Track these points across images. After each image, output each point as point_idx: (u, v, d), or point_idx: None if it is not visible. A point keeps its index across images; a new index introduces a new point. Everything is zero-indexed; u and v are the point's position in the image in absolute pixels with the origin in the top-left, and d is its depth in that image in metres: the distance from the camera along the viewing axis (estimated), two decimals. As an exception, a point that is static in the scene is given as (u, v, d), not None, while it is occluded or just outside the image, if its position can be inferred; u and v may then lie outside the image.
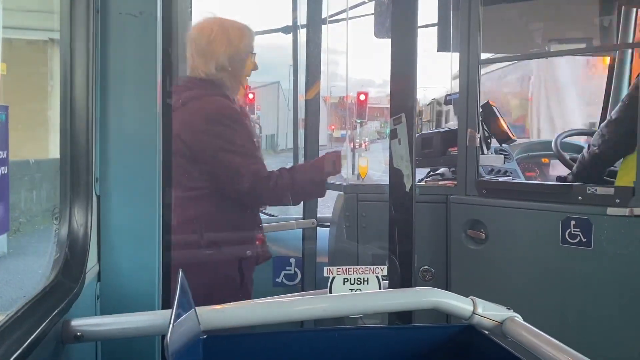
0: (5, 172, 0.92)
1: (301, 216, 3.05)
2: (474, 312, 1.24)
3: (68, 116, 1.33)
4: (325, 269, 1.48)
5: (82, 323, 1.14)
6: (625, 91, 3.41)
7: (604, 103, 3.60)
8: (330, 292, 1.44)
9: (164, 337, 0.91)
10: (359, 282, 1.48)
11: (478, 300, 1.26)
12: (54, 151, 1.44)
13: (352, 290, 1.47)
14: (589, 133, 3.54)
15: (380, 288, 1.49)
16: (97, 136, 1.42)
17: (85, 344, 1.20)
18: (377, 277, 1.51)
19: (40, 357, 0.99)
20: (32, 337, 0.93)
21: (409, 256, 2.17)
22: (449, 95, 2.90)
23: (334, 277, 1.47)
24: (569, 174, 2.71)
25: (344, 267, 1.50)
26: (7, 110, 0.94)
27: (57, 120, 1.35)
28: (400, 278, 2.15)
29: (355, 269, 1.50)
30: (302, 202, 3.02)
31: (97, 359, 1.37)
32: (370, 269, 1.52)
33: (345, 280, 1.48)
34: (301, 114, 3.29)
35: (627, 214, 2.08)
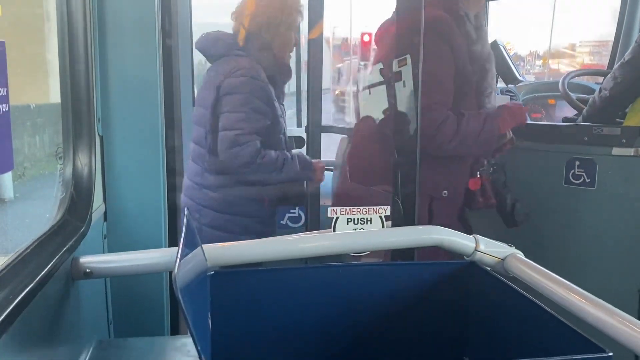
0: (6, 109, 0.92)
1: (305, 159, 3.04)
2: (476, 249, 1.25)
3: (67, 55, 1.30)
4: (329, 209, 1.48)
5: (91, 260, 1.16)
6: (636, 32, 3.31)
7: (614, 44, 3.51)
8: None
9: (171, 273, 0.93)
10: (362, 222, 1.49)
11: (480, 238, 1.27)
12: (54, 96, 1.43)
13: (355, 230, 1.48)
14: (597, 73, 3.48)
15: (383, 228, 1.50)
16: (97, 76, 1.40)
17: (95, 280, 1.23)
18: (380, 217, 1.52)
19: (51, 292, 1.02)
20: (42, 272, 0.94)
21: (412, 198, 2.18)
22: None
23: (337, 217, 1.48)
24: (575, 115, 2.68)
25: (348, 208, 1.50)
26: (4, 45, 0.92)
27: (56, 64, 1.33)
28: (403, 220, 2.17)
29: (358, 209, 1.50)
30: (305, 146, 3.05)
31: (107, 294, 1.41)
32: (373, 209, 1.52)
33: (349, 220, 1.48)
34: (303, 56, 3.23)
35: (632, 154, 2.08)
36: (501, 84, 2.94)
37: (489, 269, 1.25)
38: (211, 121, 2.24)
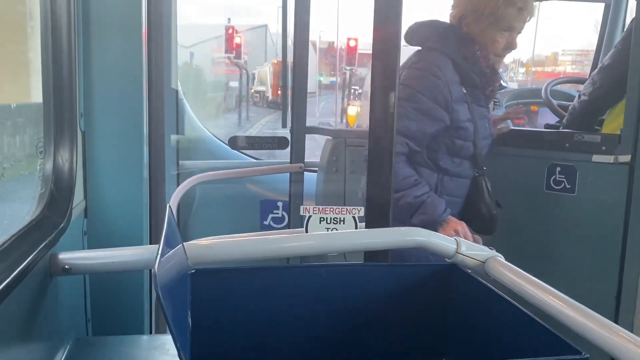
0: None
1: (288, 161, 3.05)
2: (457, 252, 1.26)
3: (50, 49, 1.29)
4: (301, 207, 1.46)
5: (70, 256, 1.14)
6: (619, 37, 3.37)
7: (596, 53, 3.57)
8: (307, 231, 1.42)
9: (152, 271, 0.92)
10: (335, 222, 1.47)
11: (461, 240, 1.28)
12: (36, 95, 1.41)
13: (328, 229, 1.46)
14: (579, 81, 3.53)
15: (356, 228, 1.48)
16: (80, 71, 1.38)
17: (74, 277, 1.21)
18: (353, 217, 1.51)
19: (29, 288, 1.00)
20: (20, 268, 0.93)
21: (387, 199, 2.19)
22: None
23: (310, 216, 1.46)
24: (557, 122, 2.72)
25: (321, 207, 1.48)
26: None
27: (39, 62, 1.31)
28: (378, 220, 2.17)
29: (331, 209, 1.48)
30: (289, 147, 3.04)
31: (86, 291, 1.39)
32: (346, 209, 1.50)
33: (322, 219, 1.47)
34: (290, 59, 3.23)
35: (611, 161, 2.11)
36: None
37: (469, 271, 1.26)
38: None
